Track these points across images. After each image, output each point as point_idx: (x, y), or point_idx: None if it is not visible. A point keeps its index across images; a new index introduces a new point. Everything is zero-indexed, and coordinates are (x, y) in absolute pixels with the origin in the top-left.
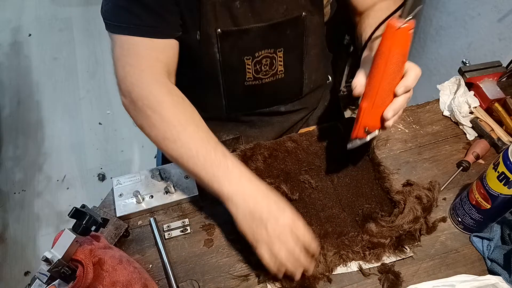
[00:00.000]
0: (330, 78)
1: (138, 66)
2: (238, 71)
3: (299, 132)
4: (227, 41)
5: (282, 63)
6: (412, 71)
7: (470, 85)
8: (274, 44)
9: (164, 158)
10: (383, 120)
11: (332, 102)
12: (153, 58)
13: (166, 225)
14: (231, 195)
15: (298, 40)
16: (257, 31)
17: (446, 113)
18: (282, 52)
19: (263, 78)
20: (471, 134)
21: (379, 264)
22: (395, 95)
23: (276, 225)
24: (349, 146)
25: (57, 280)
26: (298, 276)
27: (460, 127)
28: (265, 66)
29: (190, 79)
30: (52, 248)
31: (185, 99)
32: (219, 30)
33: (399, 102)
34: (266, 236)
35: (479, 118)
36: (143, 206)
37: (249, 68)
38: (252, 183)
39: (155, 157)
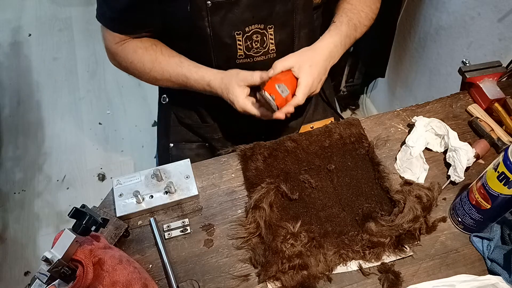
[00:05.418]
0: None
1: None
2: (229, 48)
3: (301, 128)
4: (217, 14)
5: (273, 42)
6: (301, 88)
7: (470, 85)
8: (264, 19)
9: (164, 158)
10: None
11: (327, 101)
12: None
13: (166, 225)
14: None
15: (288, 16)
16: (246, 3)
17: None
18: (272, 29)
19: (254, 56)
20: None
21: (379, 263)
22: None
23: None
24: (258, 96)
25: (57, 280)
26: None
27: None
28: (256, 43)
29: (183, 54)
30: (52, 248)
31: (149, 47)
32: (209, 2)
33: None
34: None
35: (479, 118)
36: (143, 206)
37: (240, 44)
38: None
39: (155, 157)
